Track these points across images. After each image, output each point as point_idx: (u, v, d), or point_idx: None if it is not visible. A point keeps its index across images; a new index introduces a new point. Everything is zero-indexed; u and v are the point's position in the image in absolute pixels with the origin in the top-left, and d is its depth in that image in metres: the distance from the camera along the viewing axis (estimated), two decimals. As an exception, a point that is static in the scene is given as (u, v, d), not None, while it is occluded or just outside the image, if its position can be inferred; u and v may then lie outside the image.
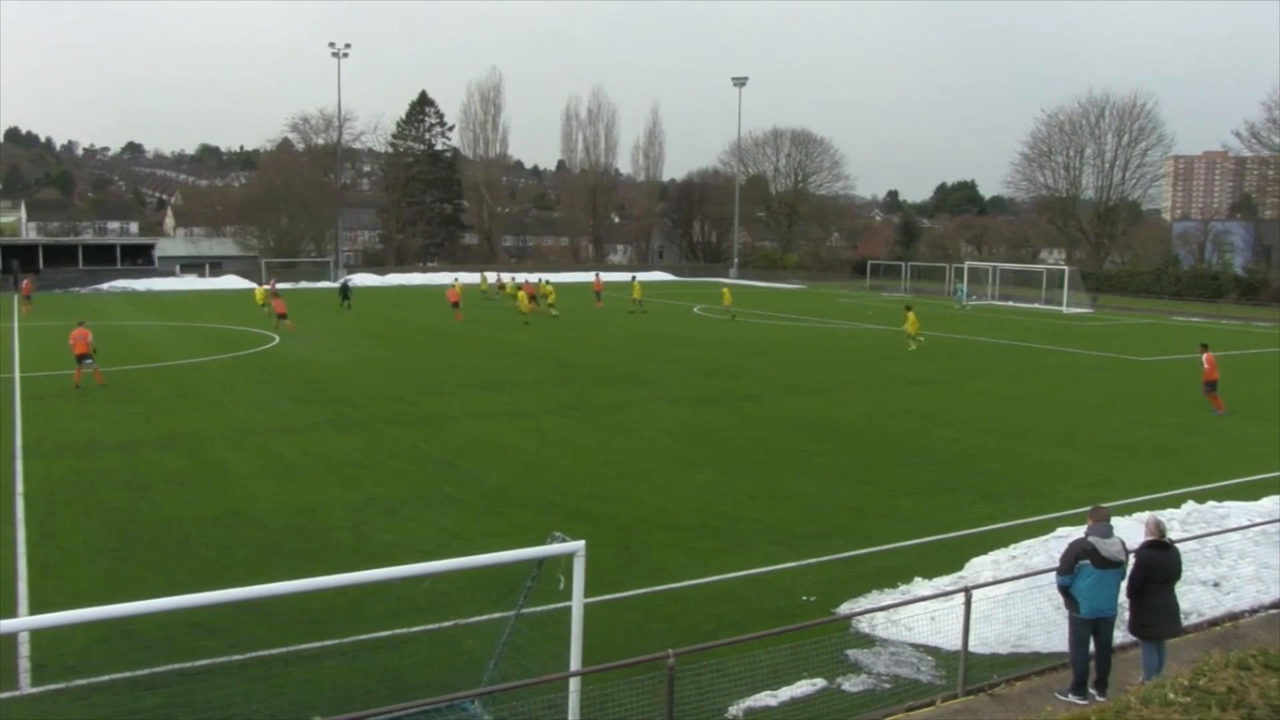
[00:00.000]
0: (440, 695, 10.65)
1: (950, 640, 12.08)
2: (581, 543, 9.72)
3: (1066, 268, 78.53)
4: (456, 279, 72.09)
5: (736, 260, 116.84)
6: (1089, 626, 11.08)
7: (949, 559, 15.92)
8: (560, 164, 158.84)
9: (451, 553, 15.33)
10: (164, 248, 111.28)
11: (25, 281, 68.98)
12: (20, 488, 20.14)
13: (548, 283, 66.76)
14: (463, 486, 20.39)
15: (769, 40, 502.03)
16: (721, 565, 15.84)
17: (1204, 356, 30.28)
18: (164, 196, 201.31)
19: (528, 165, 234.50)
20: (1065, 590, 11.17)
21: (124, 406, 29.04)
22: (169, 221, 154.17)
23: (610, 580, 14.58)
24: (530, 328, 51.37)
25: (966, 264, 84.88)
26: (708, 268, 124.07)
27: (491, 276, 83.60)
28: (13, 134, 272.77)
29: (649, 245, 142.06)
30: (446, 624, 12.19)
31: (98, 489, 20.04)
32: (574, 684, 9.60)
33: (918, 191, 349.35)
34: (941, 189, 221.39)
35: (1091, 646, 11.14)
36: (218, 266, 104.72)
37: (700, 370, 36.85)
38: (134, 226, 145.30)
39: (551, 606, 10.34)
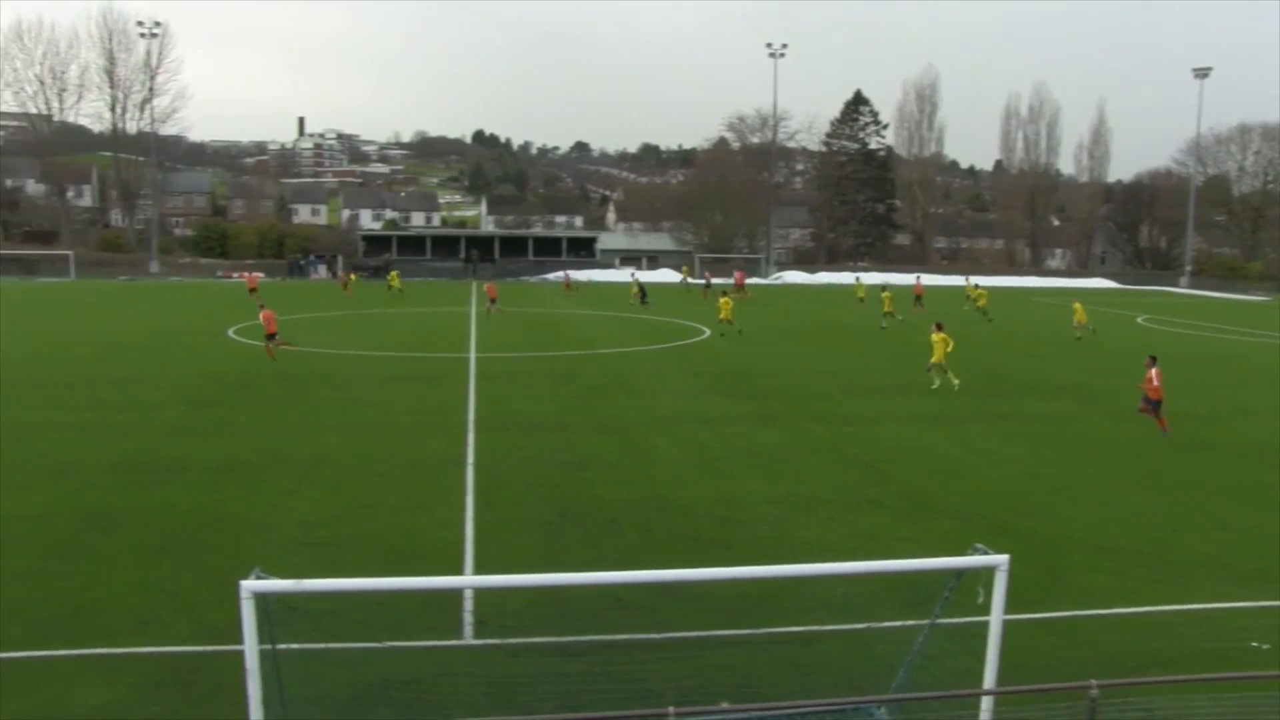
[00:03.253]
0: (848, 696, 10.52)
1: None
2: (1005, 557, 9.25)
3: None
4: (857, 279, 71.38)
5: (1189, 268, 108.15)
6: None
7: None
8: (997, 164, 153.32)
9: (868, 555, 15.15)
10: (605, 241, 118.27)
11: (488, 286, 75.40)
12: (471, 459, 21.99)
13: (978, 286, 64.72)
14: (883, 489, 20.11)
15: (1237, 27, 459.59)
16: (1155, 596, 14.61)
17: (1150, 371, 25.92)
18: (607, 193, 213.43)
19: (963, 165, 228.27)
20: None
21: (563, 390, 31.04)
22: (611, 216, 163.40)
23: (1031, 599, 13.84)
24: (953, 332, 49.80)
25: None
26: (1155, 275, 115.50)
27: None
28: (478, 136, 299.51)
29: (1089, 250, 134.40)
30: (859, 626, 12.01)
31: (537, 465, 21.50)
32: (986, 702, 9.17)
33: None
34: None
35: None
36: (654, 260, 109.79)
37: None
38: (579, 220, 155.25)
39: (968, 619, 9.91)
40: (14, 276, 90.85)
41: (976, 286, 63.02)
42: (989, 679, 9.42)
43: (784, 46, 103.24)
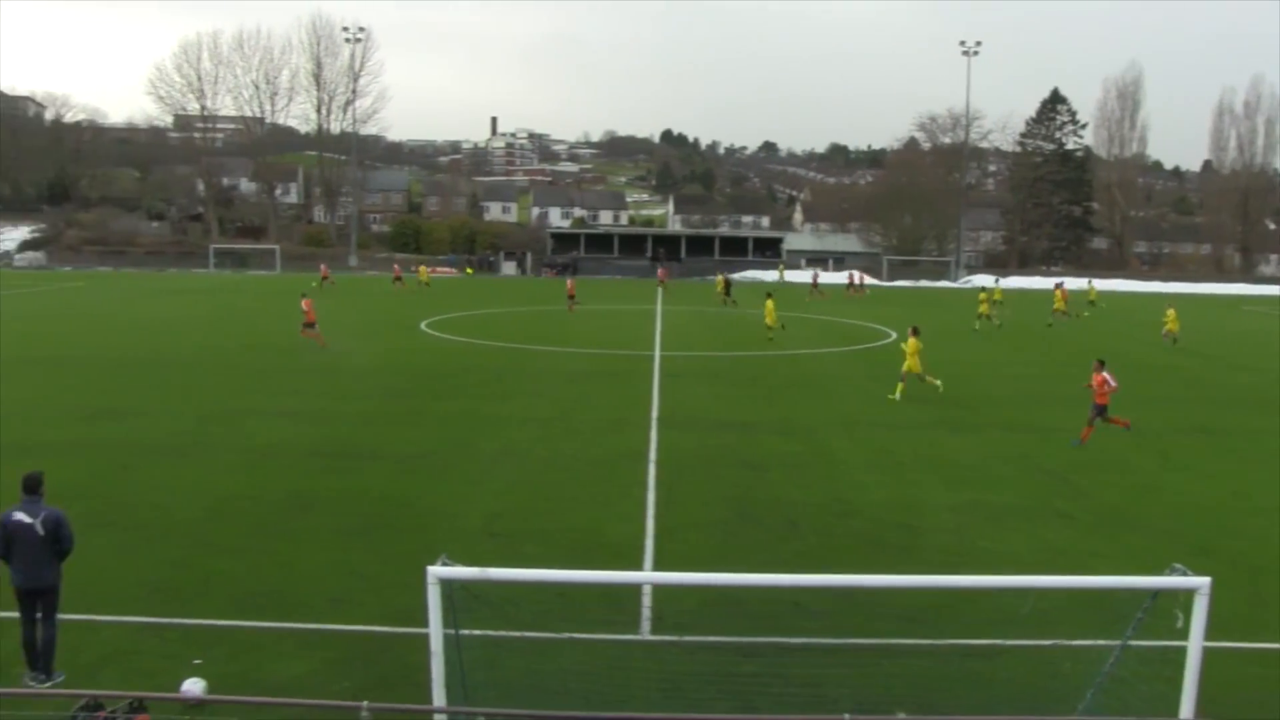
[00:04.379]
0: (1030, 715, 10.20)
1: None
2: (1206, 580, 8.79)
3: None
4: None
5: None
6: None
7: None
8: (1206, 164, 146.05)
9: (1056, 569, 14.62)
10: (791, 241, 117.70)
11: (661, 269, 76.15)
12: (653, 456, 22.17)
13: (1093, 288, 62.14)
14: (1073, 502, 19.38)
15: None
16: (1375, 629, 13.67)
17: (1096, 376, 24.62)
18: (794, 193, 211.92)
19: (1167, 165, 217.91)
20: None
21: (746, 390, 31.01)
22: (797, 217, 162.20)
23: (1235, 626, 13.09)
24: (1157, 341, 47.66)
25: None
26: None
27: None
28: (666, 135, 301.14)
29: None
30: (1045, 642, 11.61)
31: (717, 464, 21.53)
32: (1183, 732, 8.76)
33: None
34: None
35: None
36: (840, 261, 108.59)
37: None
38: (765, 221, 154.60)
39: (1164, 643, 9.46)
40: (227, 269, 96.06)
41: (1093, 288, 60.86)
42: (1186, 709, 8.98)
43: (978, 44, 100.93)
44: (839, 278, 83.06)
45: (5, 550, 11.20)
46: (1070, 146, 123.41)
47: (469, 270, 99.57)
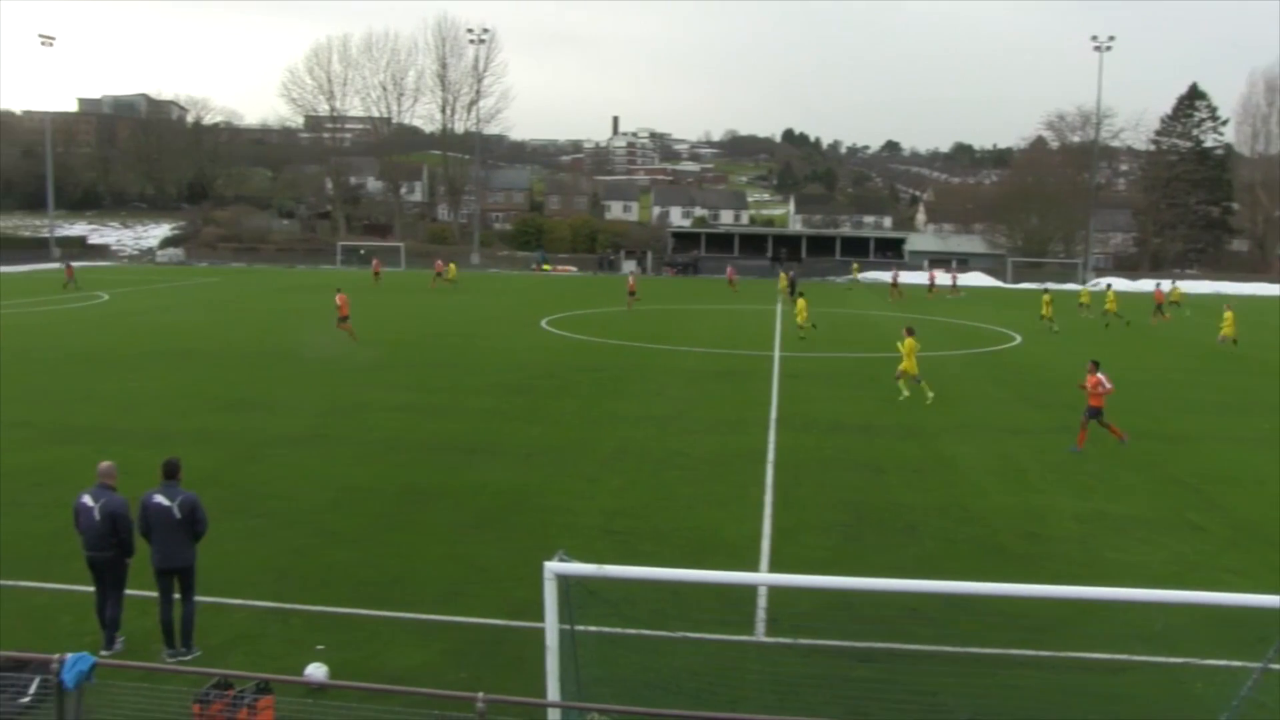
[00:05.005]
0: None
1: None
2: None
3: None
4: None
5: None
6: None
7: None
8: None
9: (1187, 584, 14.12)
10: (913, 242, 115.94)
11: (785, 273, 75.66)
12: (771, 456, 22.04)
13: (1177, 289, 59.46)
14: (1206, 514, 18.67)
15: None
16: None
17: (1090, 377, 23.81)
18: (916, 193, 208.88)
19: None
20: None
21: (866, 391, 30.63)
22: (920, 217, 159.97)
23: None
24: (1273, 343, 45.77)
25: None
26: None
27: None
28: (788, 135, 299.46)
29: None
30: (1175, 660, 11.21)
31: (836, 466, 21.30)
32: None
33: None
34: None
35: None
36: (964, 263, 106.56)
37: None
38: (887, 221, 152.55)
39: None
40: (353, 266, 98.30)
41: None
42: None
43: (1110, 39, 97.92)
44: (942, 279, 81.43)
45: (145, 531, 11.77)
46: (1209, 144, 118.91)
47: (545, 267, 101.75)
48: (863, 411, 27.44)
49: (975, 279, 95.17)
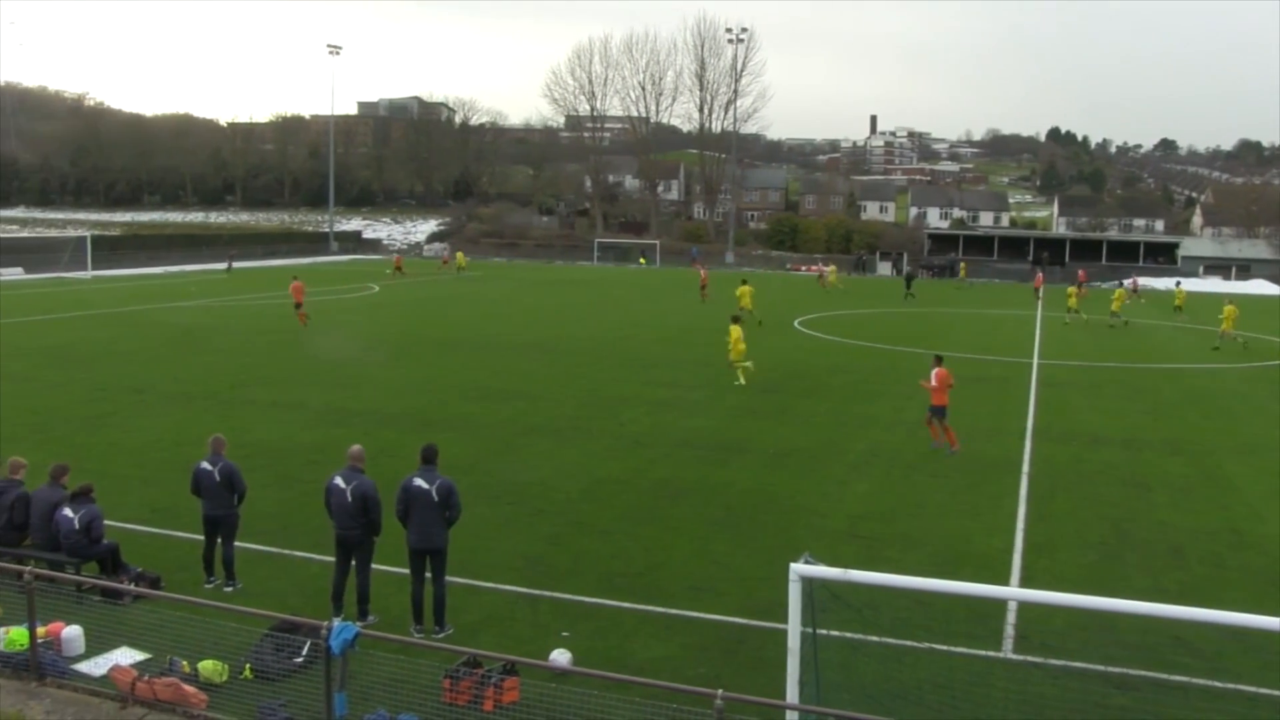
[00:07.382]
0: None
1: None
2: None
3: None
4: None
5: None
6: None
7: None
8: None
9: None
10: (1188, 247, 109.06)
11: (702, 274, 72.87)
12: (1026, 467, 21.33)
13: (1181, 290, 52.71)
14: None
15: None
16: None
17: (934, 373, 22.51)
18: (1193, 194, 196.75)
19: None
20: None
21: (1131, 403, 29.17)
22: (1196, 220, 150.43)
23: None
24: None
25: None
26: None
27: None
28: (1053, 133, 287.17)
29: None
30: None
31: (1096, 481, 20.40)
32: None
33: None
34: None
35: None
36: (1245, 270, 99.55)
37: None
38: (1159, 224, 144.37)
39: None
40: (609, 263, 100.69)
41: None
42: None
43: None
44: (1164, 283, 76.11)
45: (404, 512, 12.45)
46: None
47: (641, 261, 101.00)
48: (1127, 424, 26.13)
49: (1257, 286, 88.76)
